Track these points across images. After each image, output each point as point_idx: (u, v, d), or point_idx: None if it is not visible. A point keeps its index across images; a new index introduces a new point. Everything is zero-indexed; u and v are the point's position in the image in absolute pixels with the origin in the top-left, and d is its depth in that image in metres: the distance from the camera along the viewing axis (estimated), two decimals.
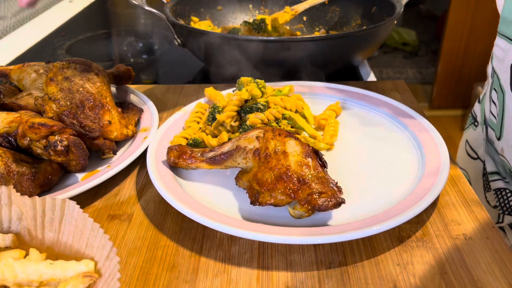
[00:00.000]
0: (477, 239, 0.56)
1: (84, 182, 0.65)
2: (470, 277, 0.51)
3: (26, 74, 0.83)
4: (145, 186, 0.69)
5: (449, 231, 0.57)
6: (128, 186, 0.69)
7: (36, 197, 0.53)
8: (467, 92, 3.04)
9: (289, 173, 0.57)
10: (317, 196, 0.54)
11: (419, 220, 0.59)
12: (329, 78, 0.96)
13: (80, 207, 0.64)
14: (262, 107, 0.72)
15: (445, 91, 3.11)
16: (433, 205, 0.62)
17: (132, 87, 0.94)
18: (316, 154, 0.61)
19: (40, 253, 0.50)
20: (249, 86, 0.74)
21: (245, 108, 0.73)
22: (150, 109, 0.84)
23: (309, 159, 0.58)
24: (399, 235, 0.57)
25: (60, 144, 0.63)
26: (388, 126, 0.78)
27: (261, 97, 0.75)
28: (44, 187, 0.65)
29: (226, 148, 0.65)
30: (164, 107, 0.91)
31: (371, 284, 0.51)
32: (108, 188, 0.68)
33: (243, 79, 0.76)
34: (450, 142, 2.79)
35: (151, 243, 0.58)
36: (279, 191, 0.56)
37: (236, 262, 0.54)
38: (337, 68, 0.99)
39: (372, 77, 1.05)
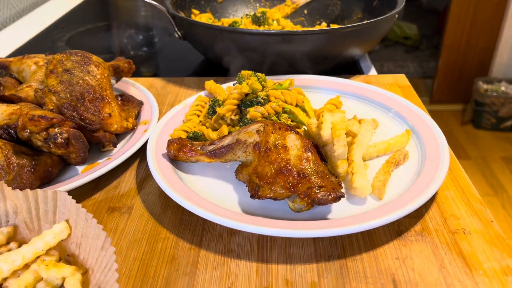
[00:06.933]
0: (476, 234, 0.56)
1: (84, 174, 0.65)
2: (468, 271, 0.51)
3: (26, 66, 0.83)
4: (145, 179, 0.69)
5: (448, 226, 0.57)
6: (128, 179, 0.69)
7: (28, 190, 0.53)
8: (468, 87, 3.03)
9: (289, 167, 0.57)
10: (316, 190, 0.55)
11: (418, 214, 0.59)
12: (330, 72, 0.96)
13: (80, 200, 0.65)
14: (262, 101, 0.72)
15: (446, 86, 3.11)
16: (433, 199, 0.62)
17: (132, 79, 0.94)
18: (316, 148, 0.61)
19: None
20: (250, 80, 0.74)
21: (246, 102, 0.73)
22: (150, 102, 0.84)
23: (309, 153, 0.58)
24: (398, 229, 0.57)
25: (60, 136, 0.63)
26: (388, 120, 0.78)
27: (262, 90, 0.75)
28: (44, 180, 0.65)
29: (226, 141, 0.65)
30: (164, 100, 0.91)
31: (370, 277, 0.51)
32: (108, 180, 0.68)
33: (244, 72, 0.76)
34: (451, 136, 2.79)
35: (151, 235, 0.58)
36: (279, 184, 0.56)
37: (236, 255, 0.55)
38: (338, 62, 0.98)
39: (373, 71, 1.05)
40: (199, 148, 0.67)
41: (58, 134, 0.63)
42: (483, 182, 2.43)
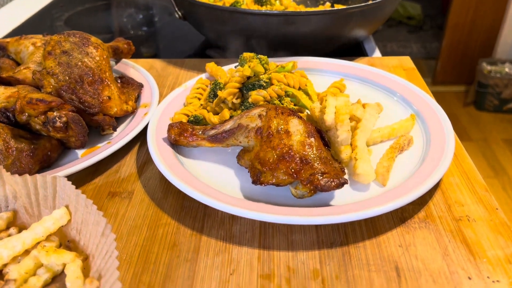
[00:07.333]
0: (480, 221, 0.55)
1: (84, 158, 0.64)
2: (472, 259, 0.50)
3: (23, 47, 0.81)
4: (145, 163, 0.68)
5: (452, 213, 0.57)
6: (129, 163, 0.68)
7: (27, 175, 0.52)
8: (471, 68, 3.00)
9: (292, 153, 0.56)
10: (319, 176, 0.54)
11: (422, 201, 0.59)
12: (334, 54, 0.94)
13: (80, 185, 0.64)
14: (264, 84, 0.71)
15: (449, 67, 3.07)
16: (437, 186, 0.61)
17: (132, 61, 0.92)
18: (319, 133, 0.60)
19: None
20: (252, 62, 0.72)
21: (247, 85, 0.71)
22: (150, 84, 0.82)
23: (312, 139, 0.57)
24: (401, 216, 0.57)
25: (59, 120, 0.62)
26: (393, 104, 0.77)
27: (264, 73, 0.73)
28: (44, 164, 0.64)
29: (227, 126, 0.63)
30: (165, 82, 0.89)
31: (373, 265, 0.50)
32: (108, 165, 0.67)
33: (246, 54, 0.75)
34: (454, 119, 2.78)
35: (152, 221, 0.57)
36: (281, 170, 0.55)
37: (237, 241, 0.54)
38: (341, 44, 0.97)
39: (377, 53, 1.03)
40: (200, 132, 0.66)
41: (57, 118, 0.62)
42: (484, 164, 2.42)
